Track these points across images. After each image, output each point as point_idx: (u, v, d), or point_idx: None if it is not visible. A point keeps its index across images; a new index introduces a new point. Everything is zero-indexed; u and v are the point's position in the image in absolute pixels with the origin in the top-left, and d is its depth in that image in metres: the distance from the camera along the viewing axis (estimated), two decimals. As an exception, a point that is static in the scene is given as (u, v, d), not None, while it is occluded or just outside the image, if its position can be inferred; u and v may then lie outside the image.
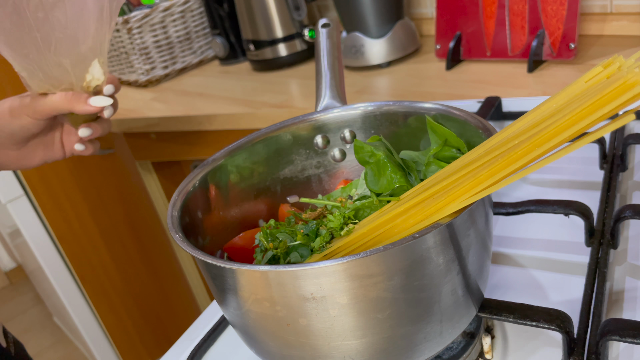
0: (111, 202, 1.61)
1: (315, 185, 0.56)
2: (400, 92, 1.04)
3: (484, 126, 0.44)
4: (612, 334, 0.39)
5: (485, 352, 0.46)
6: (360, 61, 1.16)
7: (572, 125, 0.31)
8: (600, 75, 0.32)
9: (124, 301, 1.63)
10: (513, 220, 0.60)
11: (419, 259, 0.35)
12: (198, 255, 0.36)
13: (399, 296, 0.35)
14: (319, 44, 0.59)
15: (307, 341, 0.37)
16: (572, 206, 0.52)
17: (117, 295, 1.62)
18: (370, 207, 0.47)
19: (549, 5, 0.95)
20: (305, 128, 0.54)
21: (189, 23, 1.48)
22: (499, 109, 0.79)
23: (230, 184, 0.51)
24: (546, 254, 0.55)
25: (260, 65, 1.36)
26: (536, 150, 0.32)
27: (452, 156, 0.46)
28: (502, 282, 0.53)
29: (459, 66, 1.08)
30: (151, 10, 1.39)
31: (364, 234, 0.40)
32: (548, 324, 0.41)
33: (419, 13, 1.27)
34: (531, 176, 0.68)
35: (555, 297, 0.50)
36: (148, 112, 1.27)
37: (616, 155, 0.63)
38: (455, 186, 0.35)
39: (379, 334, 0.36)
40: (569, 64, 0.95)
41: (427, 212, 0.36)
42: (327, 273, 0.33)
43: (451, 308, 0.38)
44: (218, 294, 0.41)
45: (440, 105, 0.49)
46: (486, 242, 0.41)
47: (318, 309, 0.35)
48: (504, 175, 0.34)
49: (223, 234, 0.50)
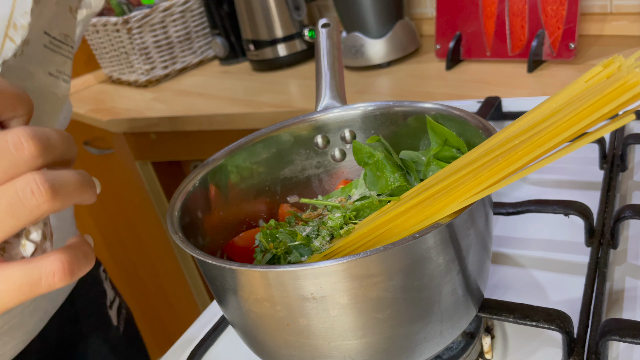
0: (111, 202, 1.61)
1: (315, 185, 0.56)
2: (400, 92, 1.04)
3: (484, 126, 0.44)
4: (612, 334, 0.39)
5: (485, 352, 0.46)
6: (360, 61, 1.16)
7: (572, 126, 0.31)
8: (600, 75, 0.32)
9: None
10: (513, 220, 0.60)
11: (419, 259, 0.35)
12: (198, 255, 0.36)
13: (399, 296, 0.35)
14: (319, 44, 0.59)
15: (307, 341, 0.37)
16: (572, 206, 0.52)
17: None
18: (370, 207, 0.47)
19: (549, 5, 0.95)
20: (305, 128, 0.54)
21: (189, 23, 1.48)
22: (499, 109, 0.79)
23: (230, 184, 0.51)
24: (546, 254, 0.55)
25: (260, 65, 1.36)
26: (536, 150, 0.32)
27: (452, 156, 0.46)
28: (502, 282, 0.53)
29: (459, 66, 1.08)
30: (151, 10, 1.39)
31: (364, 234, 0.40)
32: (548, 324, 0.41)
33: (419, 13, 1.27)
34: (531, 176, 0.68)
35: (555, 297, 0.50)
36: (148, 112, 1.27)
37: (616, 155, 0.63)
38: (456, 186, 0.35)
39: (379, 334, 0.36)
40: (569, 64, 0.95)
41: (427, 212, 0.36)
42: (327, 273, 0.33)
43: (451, 308, 0.38)
44: (218, 294, 0.41)
45: (440, 105, 0.49)
46: (486, 242, 0.41)
47: (318, 309, 0.35)
48: (504, 175, 0.34)
49: (223, 234, 0.50)
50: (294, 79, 1.27)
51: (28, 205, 0.26)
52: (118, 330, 0.71)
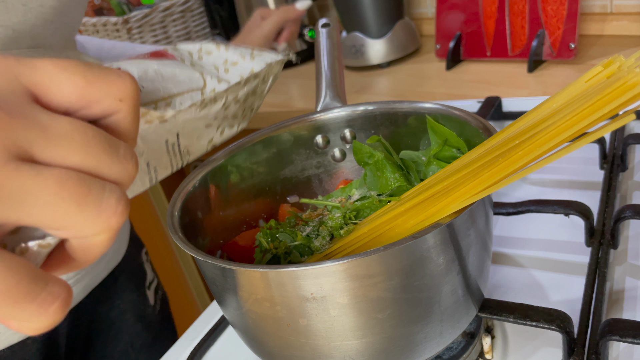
0: (111, 202, 1.61)
1: (315, 185, 0.56)
2: (400, 92, 1.04)
3: (484, 126, 0.43)
4: (612, 334, 0.39)
5: (485, 352, 0.46)
6: (360, 61, 1.16)
7: (572, 126, 0.31)
8: (601, 75, 0.32)
9: (124, 301, 1.63)
10: (513, 220, 0.60)
11: (419, 259, 0.35)
12: (198, 255, 0.36)
13: (399, 296, 0.35)
14: (319, 44, 0.59)
15: (307, 341, 0.37)
16: (572, 206, 0.52)
17: (117, 295, 1.62)
18: (370, 207, 0.47)
19: (549, 5, 0.95)
20: (305, 128, 0.54)
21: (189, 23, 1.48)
22: (499, 109, 0.79)
23: (230, 184, 0.51)
24: (546, 254, 0.55)
25: (260, 65, 1.36)
26: (536, 150, 0.32)
27: (452, 156, 0.46)
28: (502, 282, 0.53)
29: (459, 66, 1.08)
30: (151, 10, 1.39)
31: (364, 234, 0.40)
32: (548, 324, 0.41)
33: (419, 13, 1.27)
34: (531, 176, 0.68)
35: (555, 297, 0.50)
36: (148, 112, 1.27)
37: (616, 155, 0.63)
38: (456, 186, 0.35)
39: (379, 334, 0.36)
40: (569, 64, 0.95)
41: (427, 212, 0.36)
42: (327, 273, 0.33)
43: (451, 308, 0.38)
44: (218, 294, 0.41)
45: (440, 105, 0.49)
46: (486, 242, 0.41)
47: (318, 309, 0.35)
48: (504, 175, 0.34)
49: (223, 234, 0.50)
50: (293, 79, 1.27)
51: (104, 209, 0.23)
52: (154, 309, 0.74)
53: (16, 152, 0.22)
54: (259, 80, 0.38)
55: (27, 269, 0.22)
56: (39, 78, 0.23)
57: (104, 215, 0.23)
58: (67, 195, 0.22)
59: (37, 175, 0.22)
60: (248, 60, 0.37)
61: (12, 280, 0.21)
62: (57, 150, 0.22)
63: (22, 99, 0.23)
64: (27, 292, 0.22)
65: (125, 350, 0.69)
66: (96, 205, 0.23)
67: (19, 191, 0.21)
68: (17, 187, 0.21)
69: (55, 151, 0.22)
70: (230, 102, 0.37)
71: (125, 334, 0.69)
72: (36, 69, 0.23)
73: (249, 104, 0.40)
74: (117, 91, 0.25)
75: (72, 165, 0.23)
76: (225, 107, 0.37)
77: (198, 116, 0.35)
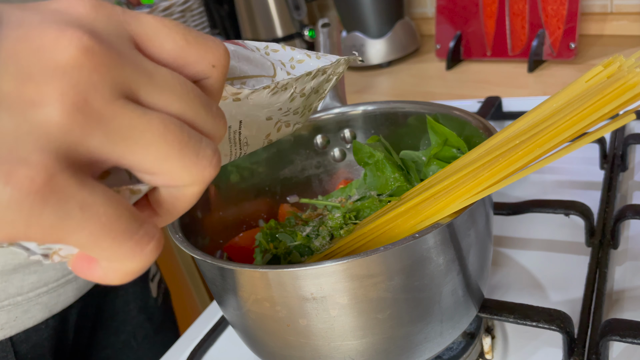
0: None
1: (315, 185, 0.56)
2: (400, 92, 1.04)
3: (484, 126, 0.43)
4: (612, 334, 0.39)
5: (486, 352, 0.46)
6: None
7: (572, 125, 0.31)
8: (601, 75, 0.32)
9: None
10: (513, 220, 0.60)
11: (419, 259, 0.35)
12: (198, 255, 0.36)
13: (399, 296, 0.35)
14: (319, 44, 0.59)
15: (307, 341, 0.37)
16: (573, 206, 0.52)
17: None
18: (371, 207, 0.46)
19: (549, 5, 0.95)
20: (305, 128, 0.54)
21: (189, 23, 1.48)
22: (499, 108, 0.79)
23: (230, 184, 0.51)
24: (546, 254, 0.55)
25: (260, 65, 1.36)
26: (536, 150, 0.32)
27: (453, 156, 0.46)
28: (502, 282, 0.53)
29: (459, 66, 1.08)
30: (151, 10, 1.39)
31: (364, 234, 0.40)
32: (548, 324, 0.41)
33: (419, 13, 1.27)
34: (531, 176, 0.68)
35: (555, 297, 0.50)
36: (148, 112, 1.27)
37: (616, 155, 0.63)
38: (456, 186, 0.35)
39: (379, 334, 0.36)
40: (569, 63, 0.94)
41: (428, 212, 0.36)
42: (327, 273, 0.33)
43: (451, 308, 0.38)
44: (218, 294, 0.41)
45: (440, 106, 0.49)
46: (486, 242, 0.41)
47: (318, 309, 0.35)
48: (504, 175, 0.34)
49: (223, 234, 0.50)
50: (294, 78, 1.26)
51: (201, 159, 0.23)
52: (157, 301, 0.75)
53: (124, 91, 0.22)
54: (325, 77, 0.38)
55: (127, 206, 0.22)
56: (143, 29, 0.24)
57: (201, 165, 0.23)
58: (170, 138, 0.22)
59: (143, 114, 0.22)
60: (314, 59, 0.37)
61: (113, 215, 0.21)
62: (161, 97, 0.23)
63: (128, 44, 0.23)
64: (127, 228, 0.21)
65: (127, 341, 0.70)
66: (195, 153, 0.23)
67: (126, 128, 0.21)
68: (125, 124, 0.21)
69: (159, 97, 0.23)
70: (297, 95, 0.37)
71: (128, 324, 0.70)
72: (141, 21, 0.24)
73: (310, 101, 0.40)
74: (212, 57, 0.25)
75: (173, 113, 0.23)
76: (291, 98, 0.36)
77: (267, 102, 0.35)
